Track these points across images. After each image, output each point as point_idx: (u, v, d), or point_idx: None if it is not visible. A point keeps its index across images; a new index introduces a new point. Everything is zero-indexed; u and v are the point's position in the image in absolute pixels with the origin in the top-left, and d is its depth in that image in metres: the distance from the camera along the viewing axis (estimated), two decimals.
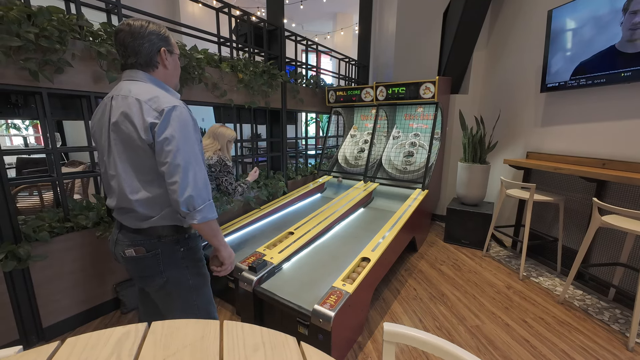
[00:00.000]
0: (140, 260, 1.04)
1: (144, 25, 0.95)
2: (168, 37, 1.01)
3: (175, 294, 1.10)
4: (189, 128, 0.93)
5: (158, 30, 0.98)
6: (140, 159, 0.94)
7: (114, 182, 0.98)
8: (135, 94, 0.92)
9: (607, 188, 2.23)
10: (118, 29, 0.95)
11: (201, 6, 5.53)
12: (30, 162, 3.56)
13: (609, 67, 2.14)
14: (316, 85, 3.80)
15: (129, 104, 0.91)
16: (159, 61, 1.00)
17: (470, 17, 3.31)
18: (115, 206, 1.01)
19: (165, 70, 1.03)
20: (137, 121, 0.89)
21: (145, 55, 0.96)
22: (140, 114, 0.89)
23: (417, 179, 3.18)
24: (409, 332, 0.73)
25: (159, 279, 1.06)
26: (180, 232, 1.06)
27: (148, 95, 0.92)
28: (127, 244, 1.03)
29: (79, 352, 0.63)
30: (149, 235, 1.02)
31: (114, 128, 0.93)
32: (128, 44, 0.94)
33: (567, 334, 1.83)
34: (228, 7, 2.65)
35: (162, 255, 1.03)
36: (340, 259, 2.01)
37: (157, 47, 0.98)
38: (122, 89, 0.96)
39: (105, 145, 0.98)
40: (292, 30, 3.38)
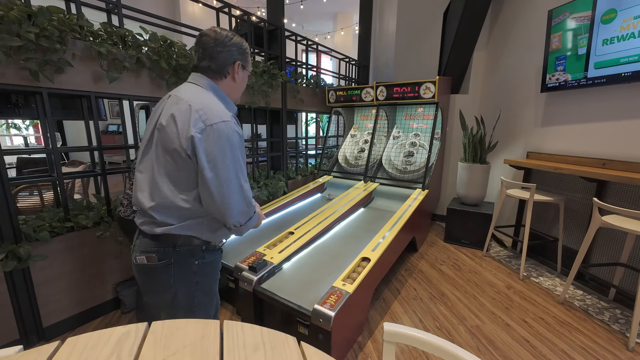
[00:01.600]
0: (150, 270, 0.98)
1: (229, 36, 0.97)
2: (247, 54, 1.03)
3: (177, 310, 1.03)
4: (232, 142, 0.90)
5: (240, 44, 0.99)
6: (176, 165, 0.90)
7: (144, 180, 0.95)
8: (190, 99, 0.90)
9: (608, 188, 2.23)
10: (203, 32, 0.96)
11: (201, 6, 5.53)
12: (31, 162, 3.56)
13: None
14: (316, 85, 3.79)
15: (180, 108, 0.89)
16: (230, 72, 1.00)
17: (471, 17, 3.30)
18: (142, 205, 0.96)
19: (233, 82, 1.03)
20: (181, 127, 0.87)
21: (220, 62, 0.97)
22: (188, 121, 0.87)
23: (417, 179, 3.18)
24: (409, 332, 0.73)
25: (168, 294, 0.99)
26: (197, 244, 0.99)
27: (201, 105, 0.89)
28: (140, 250, 0.98)
29: (79, 352, 0.63)
30: (164, 243, 0.96)
31: (160, 127, 0.92)
32: (208, 48, 0.95)
33: (567, 334, 1.83)
34: (228, 7, 2.65)
35: (174, 266, 0.97)
36: (341, 259, 2.01)
37: (233, 58, 0.98)
38: (180, 90, 0.96)
39: (145, 140, 0.97)
40: (292, 30, 3.38)
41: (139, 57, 1.89)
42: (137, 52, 1.89)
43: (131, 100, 1.97)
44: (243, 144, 0.96)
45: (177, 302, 1.01)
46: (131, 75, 1.94)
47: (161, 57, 2.01)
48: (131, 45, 1.90)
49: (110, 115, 7.04)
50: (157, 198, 0.93)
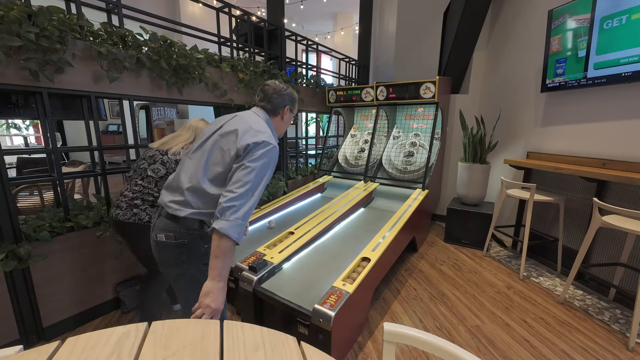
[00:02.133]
0: (166, 247, 1.17)
1: (285, 88, 1.30)
2: (295, 101, 1.34)
3: (188, 288, 1.19)
4: (270, 165, 1.12)
5: (291, 94, 1.31)
6: (222, 162, 1.12)
7: (191, 165, 1.17)
8: (252, 123, 1.17)
9: (608, 188, 2.23)
10: (266, 83, 1.29)
11: (201, 6, 5.53)
12: (31, 161, 3.56)
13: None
14: (316, 85, 3.79)
15: (244, 126, 1.14)
16: (280, 113, 1.30)
17: (471, 17, 3.30)
18: (181, 184, 1.15)
19: (281, 120, 1.32)
20: (240, 137, 1.10)
21: (275, 105, 1.27)
22: (248, 135, 1.11)
23: (417, 179, 3.18)
24: (409, 332, 0.73)
25: (179, 269, 1.18)
26: (207, 230, 1.13)
27: (259, 127, 1.17)
28: (160, 229, 1.17)
29: (79, 352, 0.63)
30: (181, 225, 1.14)
31: (223, 133, 1.16)
32: (268, 93, 1.27)
33: (568, 334, 1.83)
34: (228, 7, 2.65)
35: (187, 246, 1.15)
36: (341, 259, 2.01)
37: (284, 103, 1.29)
38: (245, 114, 1.24)
39: (203, 139, 1.21)
40: (293, 30, 3.38)
41: (139, 57, 1.89)
42: (137, 52, 1.89)
43: (131, 100, 1.97)
44: (274, 168, 1.18)
45: (186, 278, 1.19)
46: (131, 75, 1.94)
47: (161, 57, 2.01)
48: (131, 45, 1.90)
49: (110, 115, 7.04)
50: (194, 181, 1.13)
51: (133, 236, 1.60)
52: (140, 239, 1.58)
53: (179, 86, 2.19)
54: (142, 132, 6.82)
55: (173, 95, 2.20)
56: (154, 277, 1.69)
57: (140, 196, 1.58)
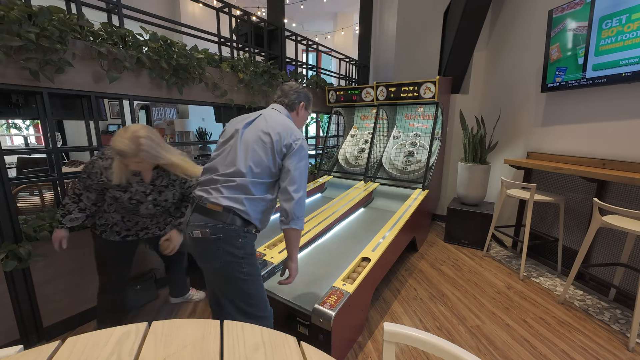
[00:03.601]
0: (203, 242, 1.21)
1: (300, 88, 1.44)
2: (310, 100, 1.47)
3: (229, 280, 1.23)
4: (305, 157, 1.28)
5: (307, 93, 1.45)
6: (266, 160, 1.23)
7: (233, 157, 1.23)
8: (285, 121, 1.30)
9: (608, 188, 2.23)
10: (285, 83, 1.45)
11: (201, 6, 5.53)
12: (31, 161, 3.55)
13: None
14: (317, 85, 3.79)
15: (282, 128, 1.26)
16: (296, 108, 1.43)
17: (471, 17, 3.30)
18: (220, 174, 1.23)
19: (296, 116, 1.44)
20: (278, 139, 1.23)
21: (292, 101, 1.41)
22: (285, 136, 1.24)
23: (417, 179, 3.18)
24: (409, 332, 0.73)
25: (216, 262, 1.21)
26: (243, 226, 1.22)
27: (292, 125, 1.30)
28: (195, 225, 1.21)
29: (80, 352, 0.63)
30: (217, 219, 1.19)
31: (262, 131, 1.25)
32: (284, 91, 1.41)
33: (568, 334, 1.83)
34: (228, 6, 2.65)
35: (223, 240, 1.19)
36: (341, 259, 2.01)
37: (299, 100, 1.42)
38: (274, 113, 1.35)
39: (235, 135, 1.29)
40: (293, 30, 3.38)
41: (139, 57, 1.89)
42: (137, 52, 1.89)
43: (131, 100, 1.97)
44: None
45: (225, 270, 1.22)
46: (131, 75, 1.94)
47: (161, 57, 2.01)
48: (131, 45, 1.90)
49: (110, 115, 7.04)
50: (235, 174, 1.21)
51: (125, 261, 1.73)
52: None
53: (179, 86, 2.19)
54: None
55: (173, 95, 2.20)
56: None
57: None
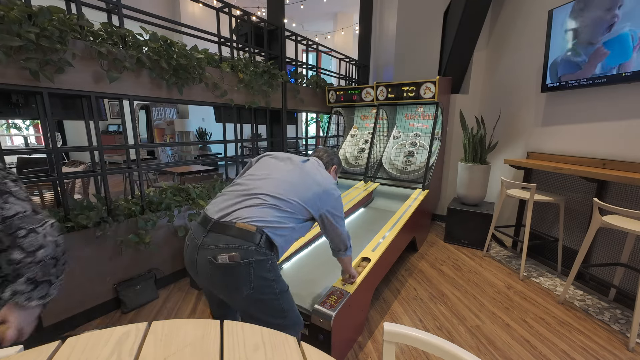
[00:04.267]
0: (232, 269, 1.04)
1: (334, 153, 1.59)
2: (340, 165, 1.62)
3: (261, 301, 1.12)
4: (341, 204, 1.37)
5: (339, 159, 1.60)
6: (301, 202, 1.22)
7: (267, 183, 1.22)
8: (326, 179, 1.34)
9: (608, 188, 2.23)
10: (318, 148, 1.61)
11: (201, 6, 5.53)
12: (31, 161, 3.56)
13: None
14: (317, 85, 3.79)
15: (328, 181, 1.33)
16: (330, 168, 1.53)
17: (471, 16, 3.30)
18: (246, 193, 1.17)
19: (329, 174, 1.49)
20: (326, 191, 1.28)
21: (326, 162, 1.52)
22: (325, 186, 1.29)
23: (417, 179, 3.18)
24: (409, 332, 0.73)
25: (247, 289, 1.07)
26: (272, 248, 1.15)
27: (329, 177, 1.37)
28: (220, 248, 1.05)
29: (80, 352, 0.63)
30: (248, 241, 1.06)
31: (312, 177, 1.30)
32: (321, 153, 1.55)
33: (568, 334, 1.83)
34: (228, 6, 2.65)
35: (254, 264, 1.06)
36: None
37: (333, 162, 1.55)
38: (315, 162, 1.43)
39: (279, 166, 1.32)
40: (293, 30, 3.38)
41: (139, 57, 1.89)
42: (137, 52, 1.89)
43: (131, 100, 1.97)
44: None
45: (256, 294, 1.09)
46: (131, 75, 1.94)
47: (161, 57, 2.01)
48: (131, 45, 1.90)
49: (110, 115, 7.04)
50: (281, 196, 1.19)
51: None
52: None
53: (179, 86, 2.19)
54: (142, 132, 6.82)
55: (173, 95, 2.20)
56: None
57: None
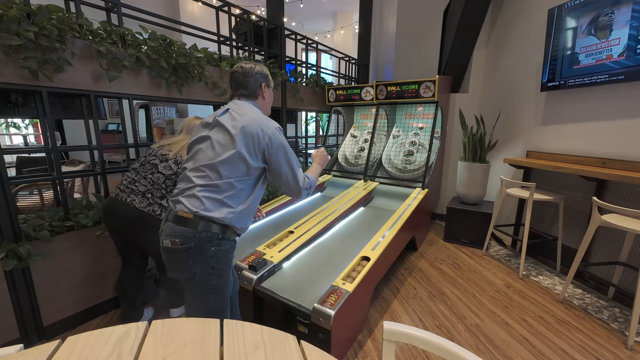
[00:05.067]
0: (173, 253, 1.15)
1: (253, 67, 1.28)
2: (268, 75, 1.34)
3: (196, 291, 1.19)
4: (286, 145, 1.23)
5: (262, 70, 1.30)
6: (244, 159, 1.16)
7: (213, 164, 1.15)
8: (248, 114, 1.21)
9: (607, 187, 2.23)
10: (233, 70, 1.29)
11: (201, 5, 5.51)
12: (30, 161, 3.55)
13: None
14: (316, 84, 3.79)
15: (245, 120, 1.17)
16: (260, 93, 1.32)
17: (471, 15, 3.30)
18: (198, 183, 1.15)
19: (263, 100, 1.35)
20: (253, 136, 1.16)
21: (251, 88, 1.29)
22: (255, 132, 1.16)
23: (417, 178, 3.18)
24: (408, 330, 0.73)
25: (187, 273, 1.16)
26: (215, 231, 1.15)
27: (259, 117, 1.21)
28: (166, 234, 1.16)
29: (80, 351, 0.63)
30: (189, 227, 1.12)
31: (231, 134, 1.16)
32: (240, 81, 1.27)
33: (567, 333, 1.83)
34: (228, 5, 2.65)
35: (194, 250, 1.13)
36: (340, 258, 2.01)
37: (259, 82, 1.30)
38: (237, 107, 1.24)
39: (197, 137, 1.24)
40: (292, 29, 3.37)
41: (139, 56, 1.88)
42: (136, 51, 1.89)
43: (131, 99, 1.97)
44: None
45: (195, 281, 1.17)
46: (130, 74, 1.94)
47: (161, 56, 2.00)
48: (131, 44, 1.90)
49: (109, 114, 7.03)
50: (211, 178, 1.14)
51: (143, 226, 1.61)
52: (151, 231, 1.58)
53: (178, 85, 2.19)
54: (142, 131, 6.81)
55: (172, 94, 2.20)
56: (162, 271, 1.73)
57: (150, 190, 1.62)
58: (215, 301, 1.20)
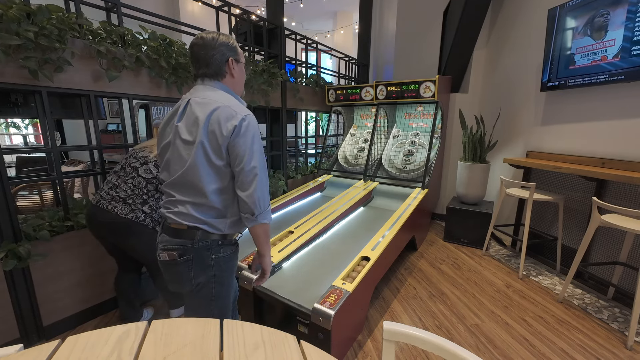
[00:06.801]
0: (172, 266, 1.08)
1: (215, 38, 1.02)
2: (236, 48, 1.08)
3: (197, 299, 1.13)
4: (257, 137, 1.01)
5: (227, 41, 1.04)
6: (211, 161, 0.99)
7: (184, 175, 1.01)
8: (213, 100, 0.99)
9: (607, 187, 2.23)
10: (192, 42, 1.03)
11: (201, 5, 5.51)
12: (30, 161, 3.55)
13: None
14: (316, 84, 3.79)
15: (208, 108, 0.98)
16: (227, 70, 1.07)
17: (471, 15, 3.30)
18: (180, 199, 1.03)
19: (232, 78, 1.09)
20: (217, 130, 0.96)
21: (216, 65, 1.04)
22: (219, 123, 0.96)
23: (417, 178, 3.18)
24: (408, 330, 0.73)
25: (189, 285, 1.09)
26: (215, 239, 1.07)
27: (225, 102, 0.99)
28: (162, 248, 1.08)
29: (80, 351, 0.63)
30: (185, 238, 1.04)
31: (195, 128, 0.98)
32: (200, 56, 1.02)
33: (567, 333, 1.83)
34: (228, 5, 2.65)
35: (193, 261, 1.06)
36: (340, 258, 2.01)
37: (225, 57, 1.05)
38: (199, 94, 1.03)
39: (166, 138, 1.06)
40: (292, 29, 3.37)
41: (139, 56, 1.88)
42: (136, 50, 1.89)
43: (130, 99, 1.97)
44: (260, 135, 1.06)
45: (197, 291, 1.10)
46: (130, 74, 1.93)
47: (160, 55, 2.00)
48: (130, 44, 1.89)
49: (109, 114, 7.02)
50: (188, 186, 1.02)
51: (128, 233, 1.57)
52: (136, 238, 1.57)
53: (178, 85, 2.19)
54: (142, 131, 6.80)
55: (172, 94, 2.19)
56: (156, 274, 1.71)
57: (131, 195, 1.57)
58: (217, 308, 1.14)
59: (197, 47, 1.02)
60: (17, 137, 6.11)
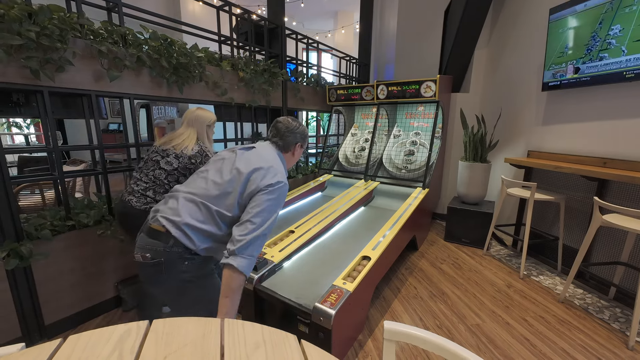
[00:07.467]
0: (144, 267, 1.13)
1: (297, 126, 1.35)
2: (306, 137, 1.40)
3: (176, 304, 1.17)
4: (280, 201, 1.18)
5: (303, 132, 1.36)
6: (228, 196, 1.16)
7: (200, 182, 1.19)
8: (271, 161, 1.22)
9: (608, 187, 2.22)
10: (280, 119, 1.36)
11: (202, 4, 5.52)
12: (32, 160, 3.56)
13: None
14: (317, 84, 3.79)
15: (267, 167, 1.18)
16: (292, 149, 1.37)
17: (472, 15, 3.29)
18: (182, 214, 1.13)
19: (292, 156, 1.39)
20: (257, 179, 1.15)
21: (287, 143, 1.34)
22: (268, 175, 1.16)
23: (417, 178, 3.18)
24: (409, 330, 0.73)
25: (160, 288, 1.15)
26: (187, 253, 1.13)
27: (277, 166, 1.22)
28: (138, 247, 1.14)
29: (81, 350, 0.63)
30: (160, 241, 1.10)
31: (245, 170, 1.17)
32: (280, 131, 1.33)
33: (568, 333, 1.83)
34: (229, 5, 2.65)
35: (165, 265, 1.10)
36: (341, 258, 2.01)
37: (295, 141, 1.35)
38: (264, 150, 1.29)
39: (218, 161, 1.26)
40: (293, 29, 3.37)
41: (140, 56, 1.89)
42: (137, 50, 1.89)
43: (132, 99, 1.97)
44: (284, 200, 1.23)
45: (174, 297, 1.16)
46: (132, 74, 1.94)
47: (162, 55, 2.01)
48: (132, 43, 1.90)
49: (110, 114, 7.04)
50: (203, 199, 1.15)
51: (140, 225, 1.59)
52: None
53: (179, 85, 2.19)
54: (143, 130, 6.82)
55: (173, 93, 2.20)
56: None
57: (152, 187, 1.61)
58: (200, 311, 1.12)
59: (282, 124, 1.33)
60: (19, 137, 6.12)
